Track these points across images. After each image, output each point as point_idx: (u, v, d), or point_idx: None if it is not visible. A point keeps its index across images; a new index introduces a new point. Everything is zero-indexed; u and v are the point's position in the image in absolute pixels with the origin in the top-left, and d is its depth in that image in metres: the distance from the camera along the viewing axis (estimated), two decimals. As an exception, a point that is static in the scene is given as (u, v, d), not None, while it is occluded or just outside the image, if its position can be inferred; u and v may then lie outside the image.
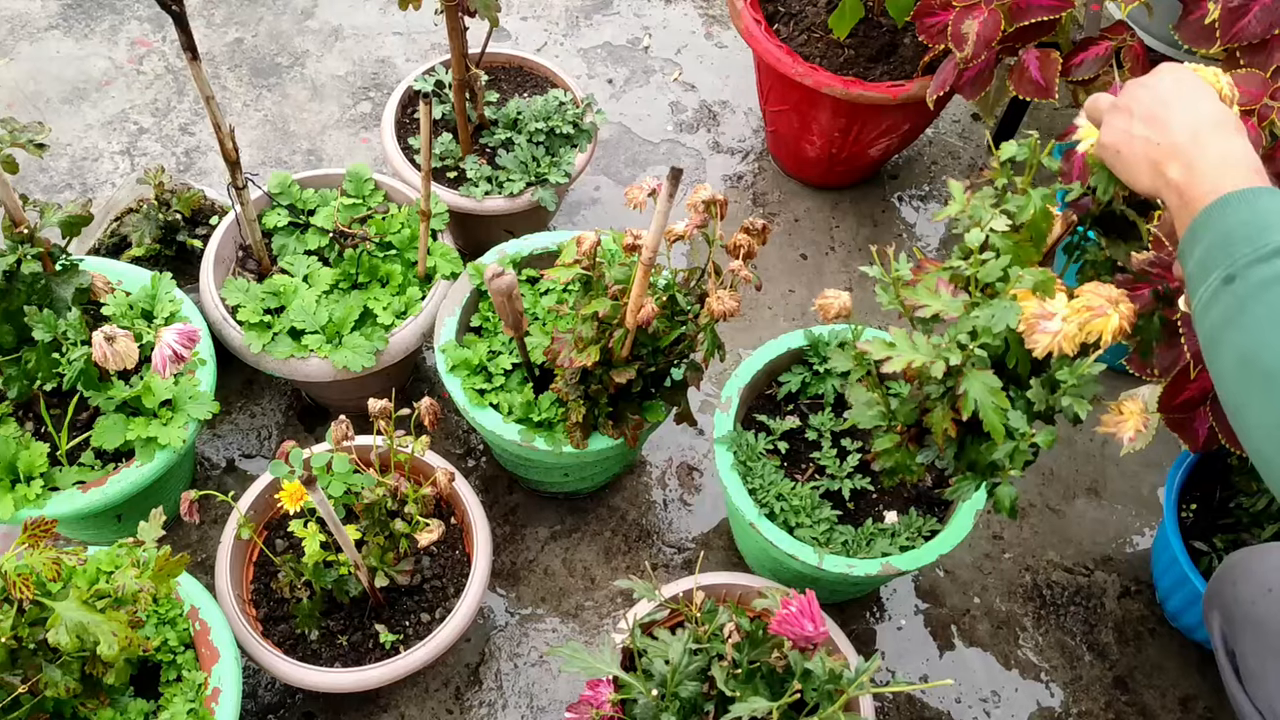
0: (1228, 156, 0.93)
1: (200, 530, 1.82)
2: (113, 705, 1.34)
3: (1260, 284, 0.84)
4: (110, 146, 2.29)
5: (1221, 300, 0.86)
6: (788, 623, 1.04)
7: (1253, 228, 0.87)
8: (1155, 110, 0.98)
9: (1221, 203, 0.90)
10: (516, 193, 1.90)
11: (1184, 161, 0.94)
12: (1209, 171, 0.92)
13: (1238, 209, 0.89)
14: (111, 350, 1.28)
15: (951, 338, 1.04)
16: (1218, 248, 0.88)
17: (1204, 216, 0.91)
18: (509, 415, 1.61)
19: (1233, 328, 0.85)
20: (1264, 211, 0.87)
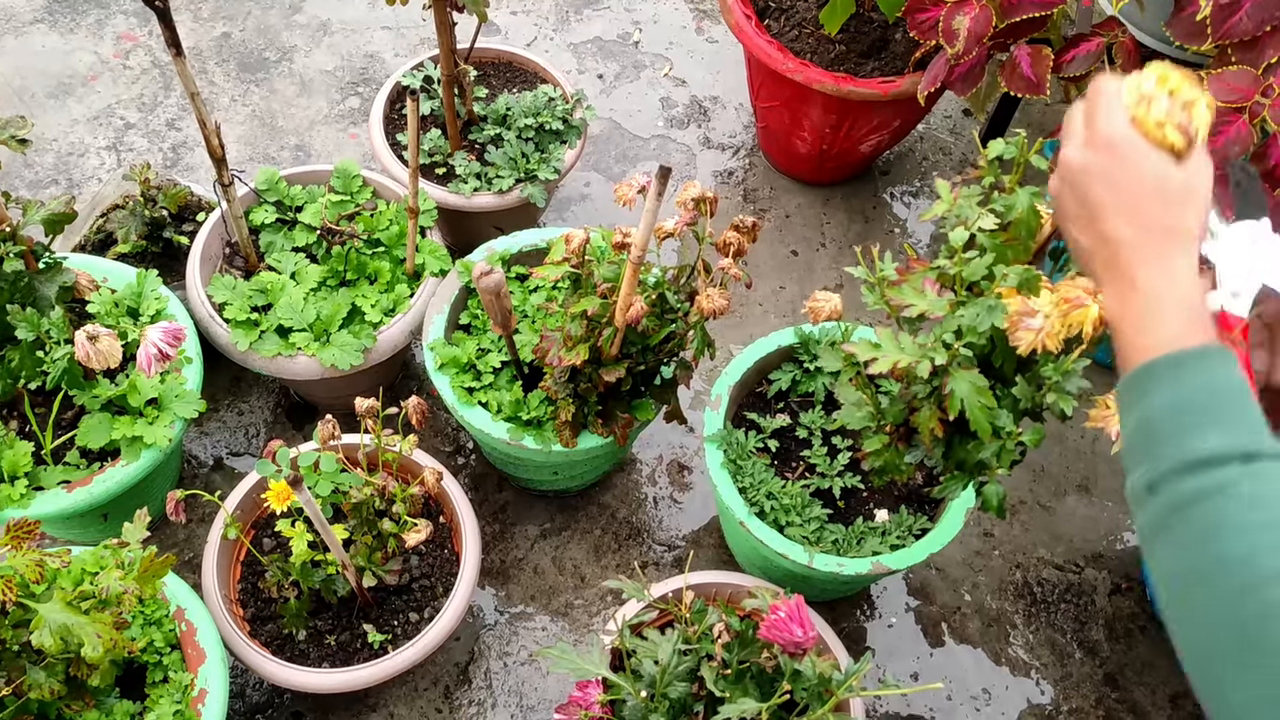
0: (1170, 295, 0.83)
1: (187, 529, 1.81)
2: (98, 707, 1.33)
3: (1179, 503, 0.76)
4: (96, 142, 2.27)
5: (1148, 507, 0.79)
6: (777, 628, 1.04)
7: (1176, 418, 0.79)
8: (1090, 210, 0.88)
9: (1149, 370, 0.82)
10: (505, 189, 1.89)
11: (1114, 288, 0.87)
12: (1146, 316, 0.84)
13: (1165, 384, 0.81)
14: (94, 349, 1.27)
15: (937, 337, 1.04)
16: (1142, 438, 0.81)
17: (1133, 381, 0.84)
18: (498, 413, 1.60)
19: (1159, 541, 0.78)
20: (1193, 390, 0.79)
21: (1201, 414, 0.78)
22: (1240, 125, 1.48)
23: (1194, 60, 2.05)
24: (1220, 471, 0.75)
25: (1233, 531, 0.73)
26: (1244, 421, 0.78)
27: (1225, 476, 0.75)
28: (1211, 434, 0.77)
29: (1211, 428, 0.77)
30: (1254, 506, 0.73)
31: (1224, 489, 0.74)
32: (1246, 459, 0.75)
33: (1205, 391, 0.79)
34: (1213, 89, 1.51)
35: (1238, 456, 0.75)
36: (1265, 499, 0.74)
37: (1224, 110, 1.50)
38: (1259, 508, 0.73)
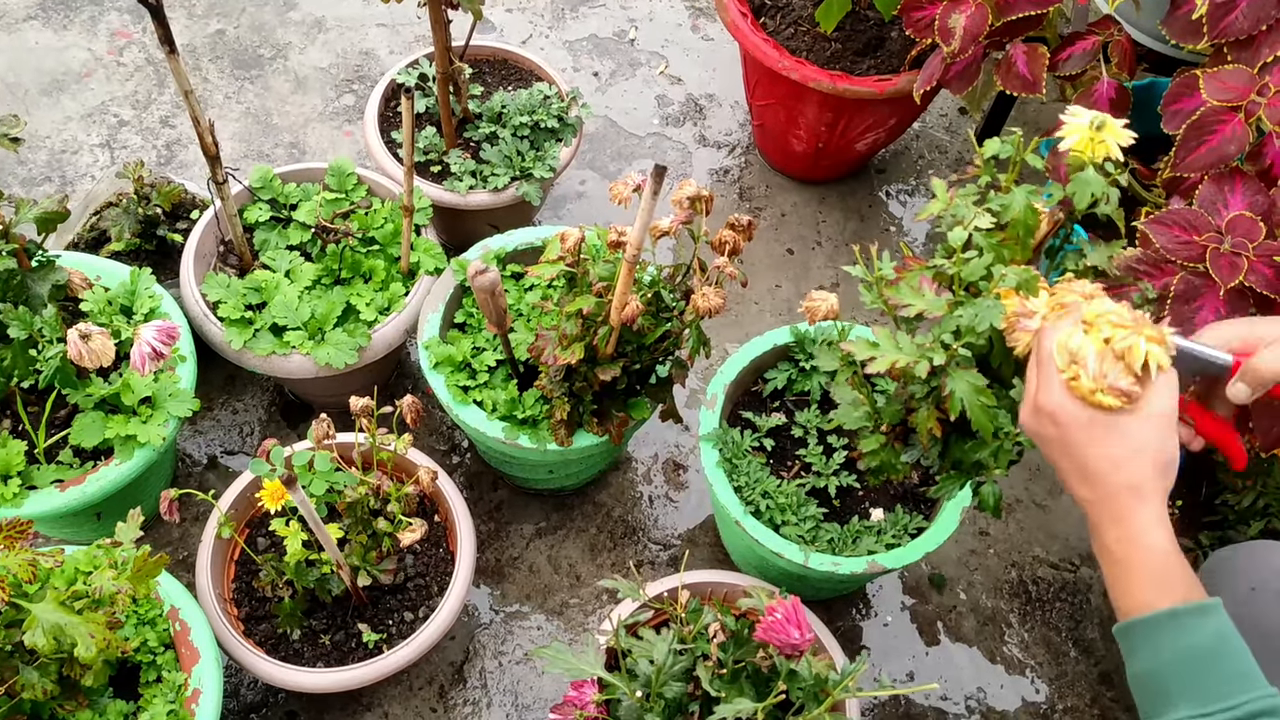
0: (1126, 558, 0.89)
1: (181, 528, 1.81)
2: (91, 707, 1.32)
3: None
4: (90, 139, 2.26)
5: None
6: (773, 630, 1.03)
7: (1154, 690, 0.86)
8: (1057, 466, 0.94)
9: (1127, 631, 0.89)
10: (501, 187, 1.88)
11: (1095, 542, 0.92)
12: (1111, 576, 0.90)
13: (1143, 649, 0.87)
14: (87, 348, 1.26)
15: (935, 337, 1.03)
16: (1137, 690, 0.89)
17: (1119, 634, 0.91)
18: (493, 412, 1.60)
19: None
20: (1162, 666, 0.85)
21: (1176, 686, 0.84)
22: (1236, 124, 1.48)
23: (1190, 58, 2.06)
24: None
25: None
26: (1215, 688, 0.83)
27: None
28: (1182, 706, 0.83)
29: (1182, 699, 0.83)
30: None
31: None
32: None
33: (1177, 662, 0.84)
34: (1208, 88, 1.51)
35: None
36: None
37: (1219, 110, 1.50)
38: None
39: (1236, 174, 1.46)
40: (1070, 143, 1.03)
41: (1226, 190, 1.46)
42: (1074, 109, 1.03)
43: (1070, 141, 1.03)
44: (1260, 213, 1.42)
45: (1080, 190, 1.00)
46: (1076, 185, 1.01)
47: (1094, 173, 1.01)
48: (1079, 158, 1.02)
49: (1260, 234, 1.39)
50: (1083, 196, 1.00)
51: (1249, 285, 1.35)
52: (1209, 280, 1.37)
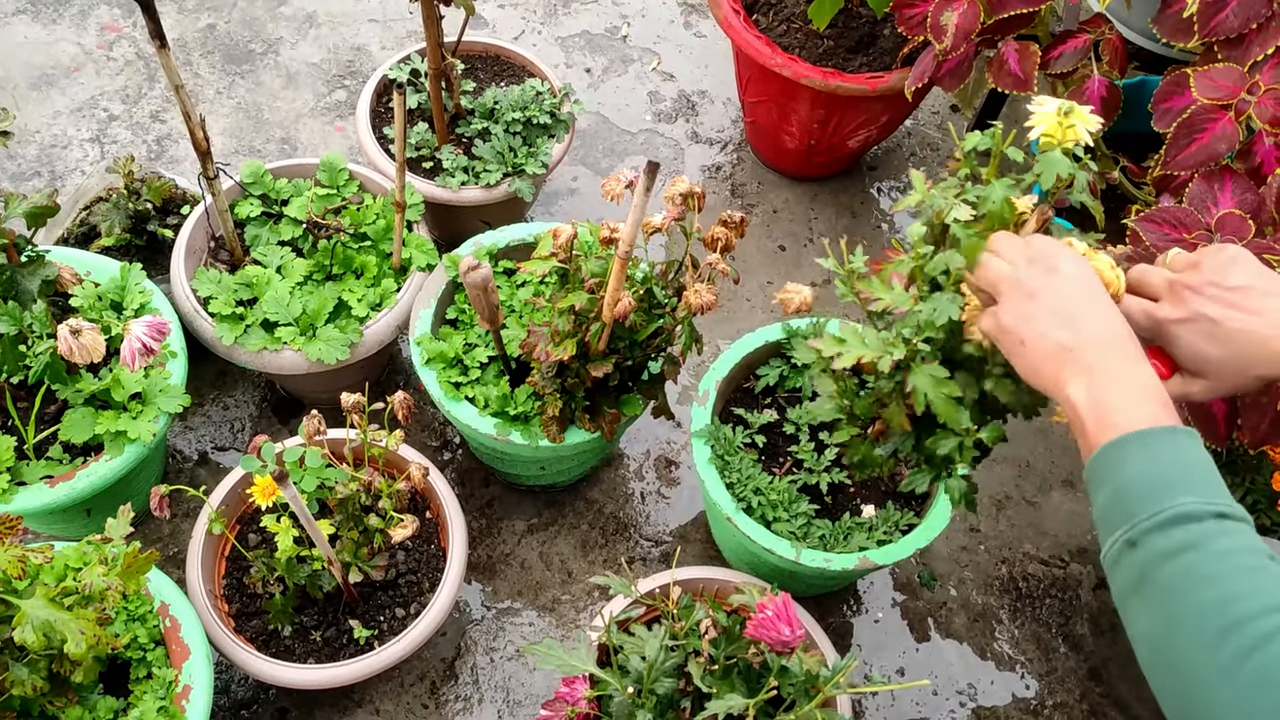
0: (1135, 385, 0.88)
1: (172, 524, 1.80)
2: (81, 703, 1.32)
3: (1158, 556, 0.80)
4: (80, 134, 2.25)
5: (1125, 565, 0.83)
6: (764, 627, 1.03)
7: (1152, 483, 0.83)
8: (1064, 308, 0.92)
9: (1120, 444, 0.86)
10: (493, 183, 1.88)
11: (1089, 379, 0.90)
12: (1114, 400, 0.88)
13: (1138, 454, 0.85)
14: (77, 344, 1.26)
15: (898, 332, 1.04)
16: (1119, 503, 0.85)
17: (1103, 457, 0.87)
18: (485, 408, 1.59)
19: (1137, 599, 0.82)
20: (1166, 461, 0.84)
21: (1175, 480, 0.83)
22: (1226, 122, 1.48)
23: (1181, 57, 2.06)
24: (1197, 526, 0.80)
25: (1210, 580, 0.77)
26: (1215, 488, 0.83)
27: (1202, 531, 0.80)
28: (1187, 496, 0.81)
29: (1186, 491, 0.82)
30: (1228, 557, 0.78)
31: (1200, 543, 0.79)
32: (1220, 517, 0.80)
33: (1177, 463, 0.84)
34: (1199, 86, 1.51)
35: (1212, 514, 0.80)
36: (1239, 550, 0.79)
37: (1210, 108, 1.50)
38: (1233, 557, 0.78)
39: (1226, 172, 1.47)
40: (1040, 130, 1.03)
41: (1216, 188, 1.47)
42: (1041, 98, 1.03)
43: (1040, 129, 1.03)
44: (1249, 210, 1.43)
45: (1046, 171, 1.00)
46: (1043, 166, 1.01)
47: (1060, 154, 1.01)
48: (1050, 143, 1.02)
49: (1249, 232, 1.40)
50: (1048, 177, 1.00)
51: (1238, 283, 1.35)
52: (1199, 278, 1.37)
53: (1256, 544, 0.80)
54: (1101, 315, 0.92)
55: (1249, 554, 0.78)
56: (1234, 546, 0.79)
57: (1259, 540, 0.80)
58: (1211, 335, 0.94)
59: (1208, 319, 0.94)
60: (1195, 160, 1.49)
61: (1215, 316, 0.94)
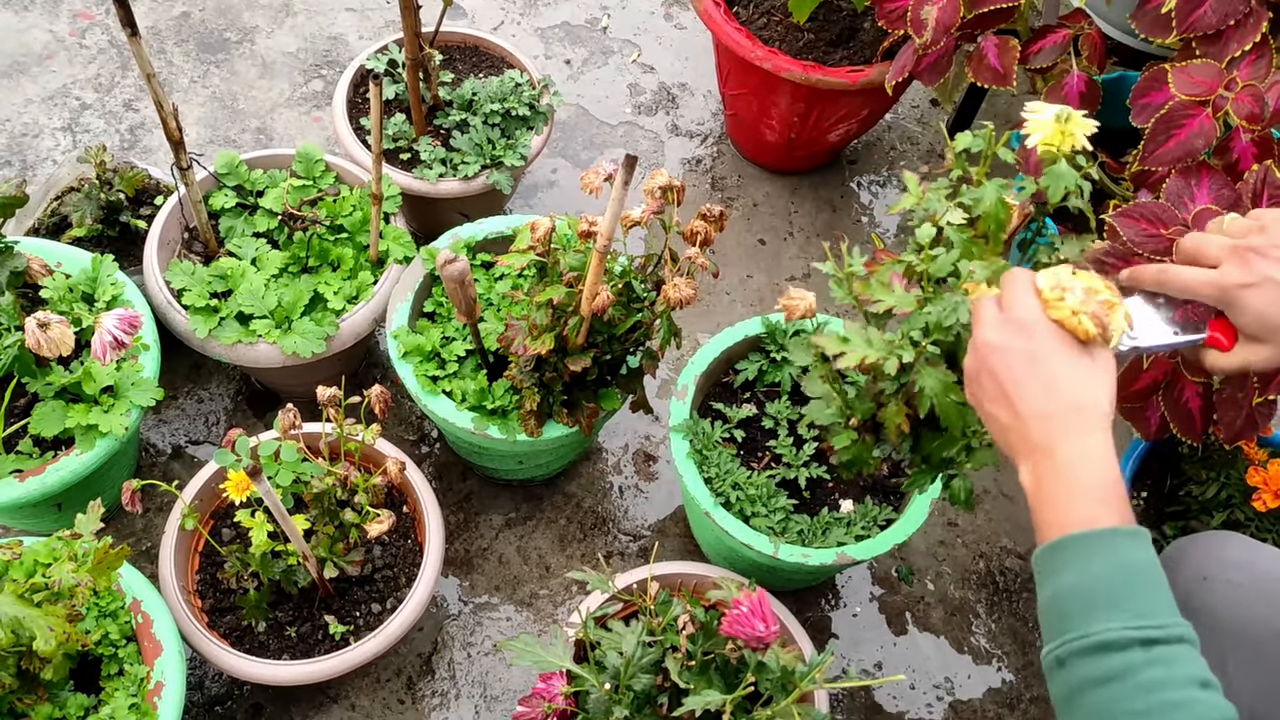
0: (1077, 475, 0.87)
1: (144, 519, 1.78)
2: (51, 700, 1.30)
3: (1084, 683, 0.81)
4: (51, 122, 2.22)
5: (1056, 679, 0.84)
6: (739, 623, 1.03)
7: (1080, 600, 0.83)
8: (1006, 387, 0.91)
9: (1057, 548, 0.86)
10: (471, 175, 1.86)
11: (1033, 466, 0.89)
12: (1053, 495, 0.87)
13: (1071, 565, 0.84)
14: (45, 337, 1.24)
15: (905, 334, 1.03)
16: (1052, 611, 0.85)
17: (1042, 558, 0.87)
18: (462, 402, 1.58)
19: (1066, 715, 0.83)
20: (1095, 576, 0.83)
21: (1107, 597, 0.82)
22: (1204, 118, 1.49)
23: (1159, 53, 2.07)
24: (1121, 656, 0.80)
25: (1131, 717, 0.78)
26: (1147, 604, 0.82)
27: (1126, 662, 0.79)
28: (1115, 618, 0.81)
29: (1116, 612, 0.81)
30: (1148, 692, 0.78)
31: (1124, 675, 0.79)
32: (1147, 645, 0.80)
33: (1111, 575, 0.83)
34: (1177, 82, 1.52)
35: (1138, 642, 0.80)
36: (1165, 684, 0.78)
37: (1188, 104, 1.51)
38: (1158, 692, 0.78)
39: (1203, 168, 1.47)
40: (1037, 138, 1.03)
41: (1193, 184, 1.47)
42: (1034, 105, 1.03)
43: (1037, 137, 1.03)
44: (1226, 206, 1.43)
45: (1054, 184, 1.01)
46: (1050, 179, 1.01)
47: (1066, 165, 1.01)
48: (1050, 151, 1.02)
49: (1226, 228, 1.40)
50: (1056, 190, 1.01)
51: (1215, 279, 1.35)
52: (1176, 274, 1.38)
53: (1187, 672, 0.79)
54: (1042, 388, 0.90)
55: (1177, 687, 0.78)
56: (1160, 679, 0.79)
57: (1191, 665, 0.80)
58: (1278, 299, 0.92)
59: (1274, 282, 0.92)
60: (1173, 156, 1.50)
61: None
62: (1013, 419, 0.91)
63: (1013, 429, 0.91)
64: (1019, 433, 0.90)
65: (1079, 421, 0.88)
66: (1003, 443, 0.94)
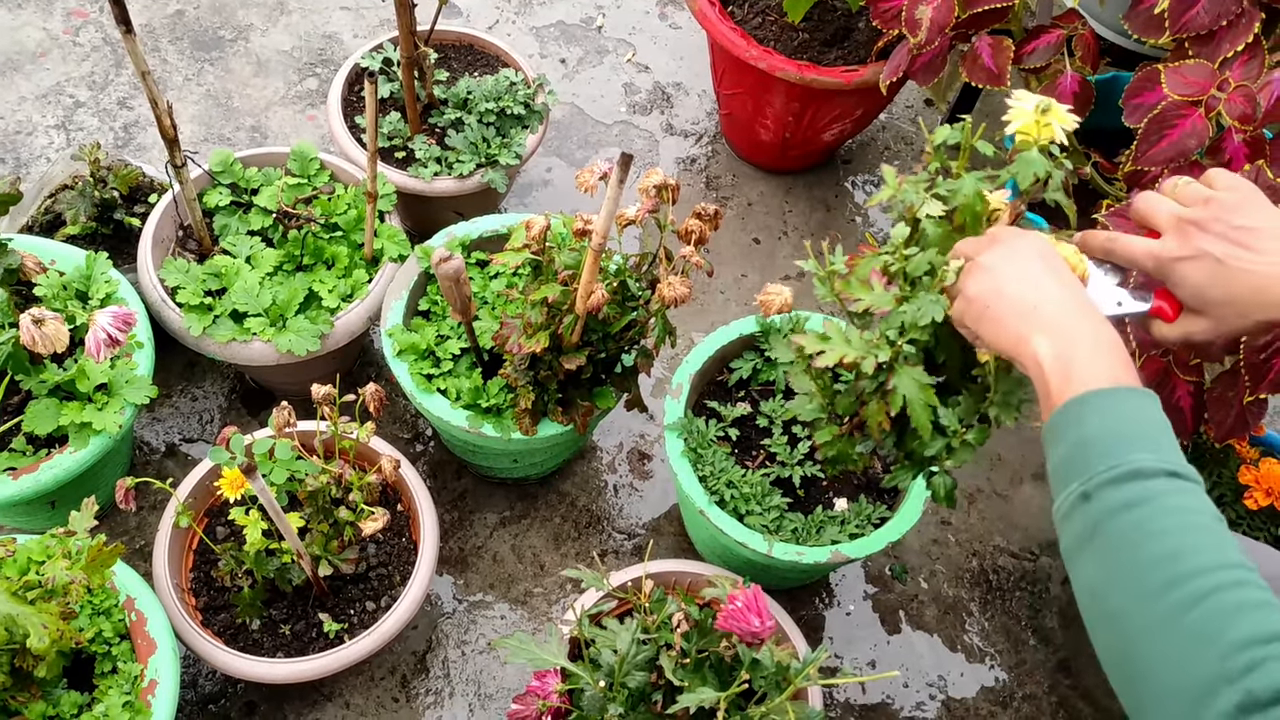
0: (1100, 341, 0.88)
1: (138, 517, 1.78)
2: (45, 698, 1.30)
3: (1111, 509, 0.81)
4: (45, 120, 2.21)
5: (1077, 517, 0.83)
6: (734, 618, 1.03)
7: (1111, 439, 0.83)
8: (1026, 272, 0.93)
9: (1082, 401, 0.86)
10: (466, 174, 1.86)
11: (1054, 336, 0.89)
12: (1078, 356, 0.88)
13: (1099, 411, 0.85)
14: (40, 333, 1.24)
15: (882, 333, 1.04)
16: (1077, 457, 0.85)
17: (1065, 413, 0.87)
18: (457, 401, 1.58)
19: (1086, 551, 0.83)
20: (1125, 419, 0.84)
21: (1133, 437, 0.84)
22: (1196, 118, 1.49)
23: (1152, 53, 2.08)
24: (1150, 483, 0.81)
25: (1159, 535, 0.78)
26: (1171, 448, 0.84)
27: (1154, 487, 0.81)
28: (1144, 453, 0.82)
29: (1143, 448, 0.83)
30: (1179, 514, 0.79)
31: (1152, 499, 0.80)
32: (1173, 475, 0.81)
33: (1137, 421, 0.85)
34: (1170, 82, 1.52)
35: (1166, 472, 0.81)
36: (1189, 509, 0.80)
37: (1180, 104, 1.51)
38: (1184, 515, 0.79)
39: (1196, 168, 1.48)
40: (1016, 126, 1.03)
41: (1186, 184, 1.47)
42: (1019, 93, 1.04)
43: (1016, 125, 1.03)
44: (1219, 207, 1.43)
45: (1023, 170, 1.00)
46: (1019, 165, 1.01)
47: (1037, 154, 1.01)
48: (1026, 141, 1.02)
49: (1219, 228, 1.41)
50: (1025, 176, 1.00)
51: (1207, 278, 1.36)
52: (1168, 273, 1.38)
53: (1206, 505, 0.81)
54: (1063, 279, 0.93)
55: (1198, 513, 0.80)
56: (1185, 505, 0.80)
57: (1208, 502, 0.81)
58: (1214, 274, 0.93)
59: (1211, 257, 0.93)
60: (1166, 156, 1.50)
61: (1219, 255, 0.92)
62: (1040, 298, 0.91)
63: (1034, 306, 0.91)
64: (1040, 309, 0.91)
65: (1093, 311, 0.90)
66: (1017, 320, 0.92)
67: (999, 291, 0.93)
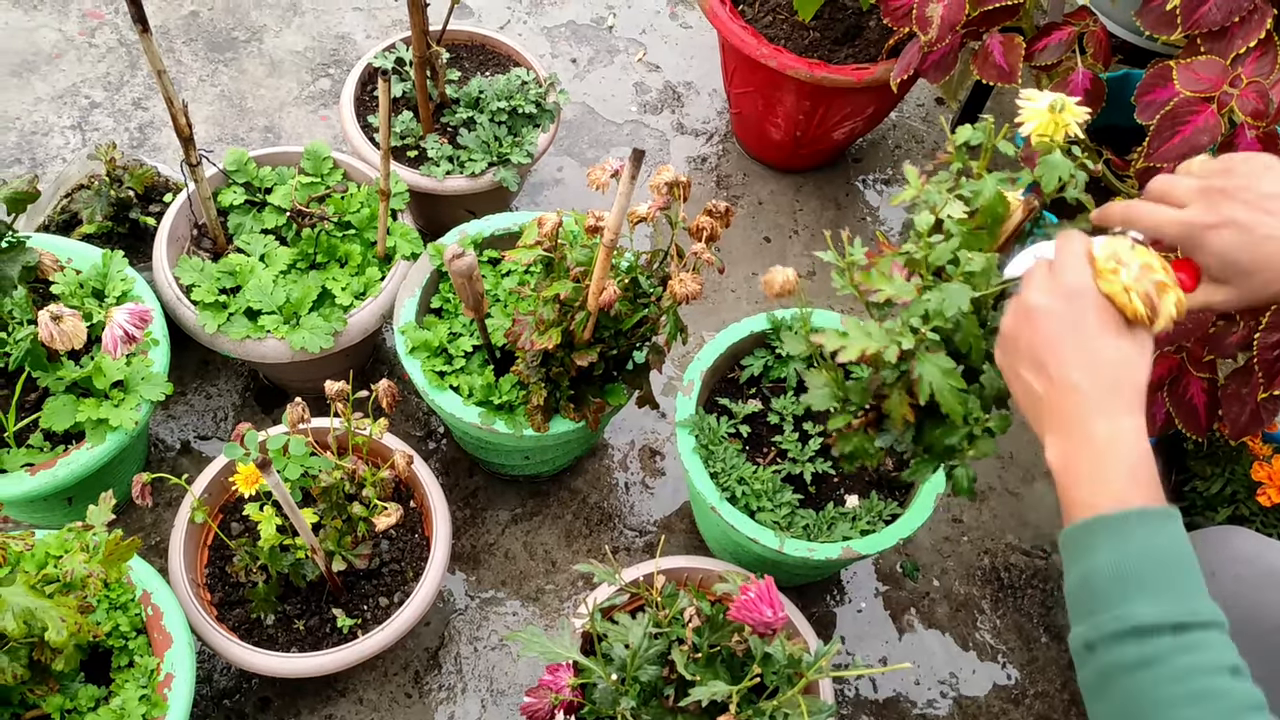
0: (1111, 445, 0.85)
1: (154, 513, 1.79)
2: (62, 691, 1.31)
3: (1116, 667, 0.80)
4: (61, 121, 2.23)
5: (1086, 663, 0.82)
6: (746, 608, 1.04)
7: (1114, 582, 0.81)
8: (1045, 354, 0.88)
9: (1088, 529, 0.84)
10: (478, 173, 1.87)
11: (1062, 439, 0.88)
12: (1084, 472, 0.85)
13: (1105, 544, 0.83)
14: (58, 330, 1.25)
15: (904, 321, 1.04)
16: (1083, 594, 0.83)
17: (1074, 537, 0.85)
18: (469, 398, 1.59)
19: (1096, 700, 0.82)
20: (1131, 554, 0.81)
21: (1139, 581, 0.81)
22: (1209, 115, 1.49)
23: (1164, 50, 2.07)
24: (1152, 643, 0.79)
25: (1158, 706, 0.77)
26: (1180, 588, 0.81)
27: (1157, 648, 0.78)
28: (1147, 603, 0.80)
29: (1148, 596, 0.80)
30: (1180, 680, 0.77)
31: (1153, 662, 0.78)
32: (1177, 630, 0.78)
33: (1144, 557, 0.82)
34: (1182, 78, 1.52)
35: (1169, 628, 0.78)
36: (1191, 671, 0.77)
37: (1192, 100, 1.51)
38: (1185, 681, 0.77)
39: (1208, 164, 1.48)
40: (1030, 126, 1.04)
41: (1198, 180, 1.47)
42: (1029, 92, 1.04)
43: (1030, 125, 1.04)
44: (1231, 203, 1.43)
45: (1048, 173, 1.01)
46: (1044, 168, 1.02)
47: (1060, 155, 1.02)
48: (1044, 141, 1.03)
49: (1231, 224, 1.41)
50: (1050, 179, 1.01)
51: (1219, 274, 1.36)
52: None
53: (1216, 659, 0.78)
54: (1084, 361, 0.87)
55: (1207, 674, 0.77)
56: (1192, 666, 0.78)
57: (1222, 652, 0.79)
58: (1240, 241, 0.90)
59: (1237, 224, 0.90)
60: (1178, 152, 1.50)
61: (1246, 221, 0.90)
62: (1047, 388, 0.89)
63: (1045, 399, 0.89)
64: (1052, 403, 0.88)
65: (1116, 402, 0.86)
66: (1029, 410, 0.92)
67: (1014, 372, 0.93)
